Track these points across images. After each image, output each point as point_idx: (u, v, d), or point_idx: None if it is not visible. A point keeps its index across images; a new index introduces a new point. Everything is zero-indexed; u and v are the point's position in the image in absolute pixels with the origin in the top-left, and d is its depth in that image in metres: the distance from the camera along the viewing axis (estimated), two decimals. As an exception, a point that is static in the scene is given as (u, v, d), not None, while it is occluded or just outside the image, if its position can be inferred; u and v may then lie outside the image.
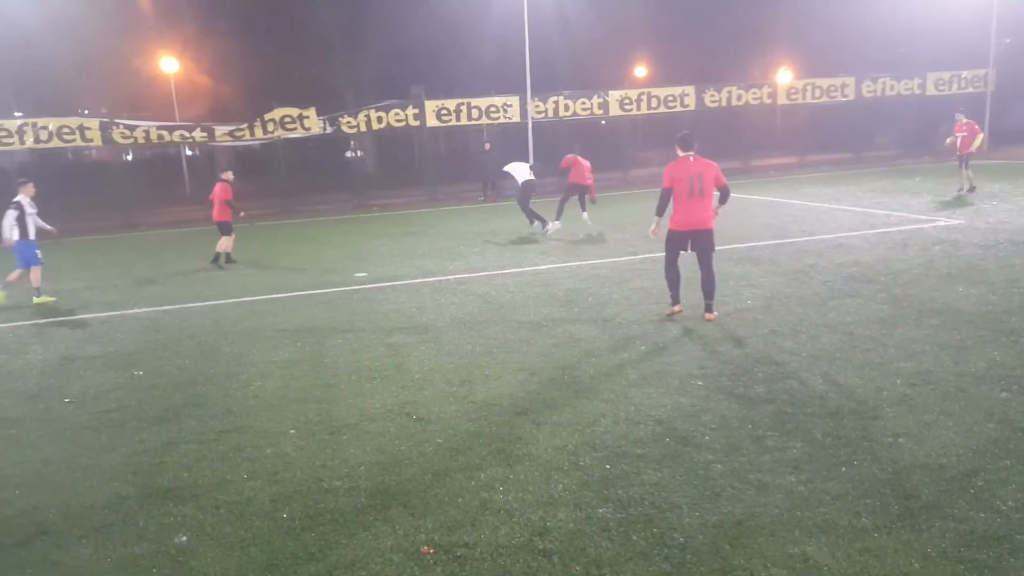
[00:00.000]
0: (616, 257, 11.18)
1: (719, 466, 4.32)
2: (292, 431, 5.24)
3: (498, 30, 28.94)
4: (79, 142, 21.26)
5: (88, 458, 5.01)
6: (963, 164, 16.45)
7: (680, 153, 7.47)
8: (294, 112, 22.19)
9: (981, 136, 16.89)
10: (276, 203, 22.86)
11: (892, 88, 26.82)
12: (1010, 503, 3.73)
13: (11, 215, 10.58)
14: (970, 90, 27.29)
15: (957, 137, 16.44)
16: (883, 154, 27.21)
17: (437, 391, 5.86)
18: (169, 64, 29.25)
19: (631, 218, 15.92)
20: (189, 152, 26.96)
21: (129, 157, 26.40)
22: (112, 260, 14.57)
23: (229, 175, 13.41)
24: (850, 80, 26.55)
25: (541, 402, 5.48)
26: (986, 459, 4.20)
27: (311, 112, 22.31)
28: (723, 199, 7.71)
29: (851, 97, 26.36)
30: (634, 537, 3.65)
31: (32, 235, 10.63)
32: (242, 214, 13.89)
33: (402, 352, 6.97)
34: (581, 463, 4.46)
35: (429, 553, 3.62)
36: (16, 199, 10.61)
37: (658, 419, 5.03)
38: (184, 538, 3.91)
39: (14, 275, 10.69)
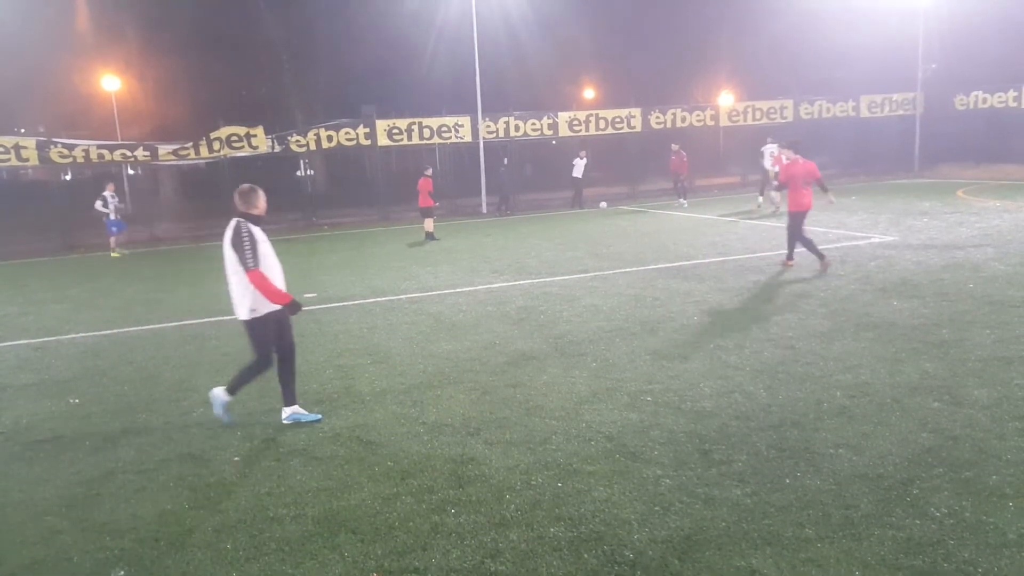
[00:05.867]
0: (567, 275, 11.29)
1: (668, 481, 4.37)
2: (236, 459, 5.11)
3: (450, 51, 29.15)
4: (14, 161, 20.52)
5: (20, 492, 4.78)
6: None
7: (794, 156, 10.90)
8: (241, 131, 21.83)
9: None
10: (223, 223, 22.27)
11: (828, 110, 27.89)
12: (943, 510, 3.87)
13: None
14: (900, 112, 28.58)
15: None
16: (821, 174, 28.11)
17: (388, 413, 5.80)
18: (111, 82, 28.48)
19: (582, 236, 16.12)
20: (131, 171, 26.16)
21: (68, 177, 25.52)
22: (49, 284, 14.03)
23: (430, 171, 17.42)
24: (788, 102, 27.52)
25: (493, 421, 5.47)
26: (920, 468, 4.36)
27: (259, 131, 22.00)
28: (822, 188, 11.05)
29: (790, 119, 27.28)
30: (585, 555, 3.66)
31: None
32: (437, 204, 17.72)
33: (352, 374, 6.88)
34: (533, 482, 4.46)
35: (378, 579, 3.56)
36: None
37: (608, 435, 5.07)
38: (121, 573, 3.77)
39: None
